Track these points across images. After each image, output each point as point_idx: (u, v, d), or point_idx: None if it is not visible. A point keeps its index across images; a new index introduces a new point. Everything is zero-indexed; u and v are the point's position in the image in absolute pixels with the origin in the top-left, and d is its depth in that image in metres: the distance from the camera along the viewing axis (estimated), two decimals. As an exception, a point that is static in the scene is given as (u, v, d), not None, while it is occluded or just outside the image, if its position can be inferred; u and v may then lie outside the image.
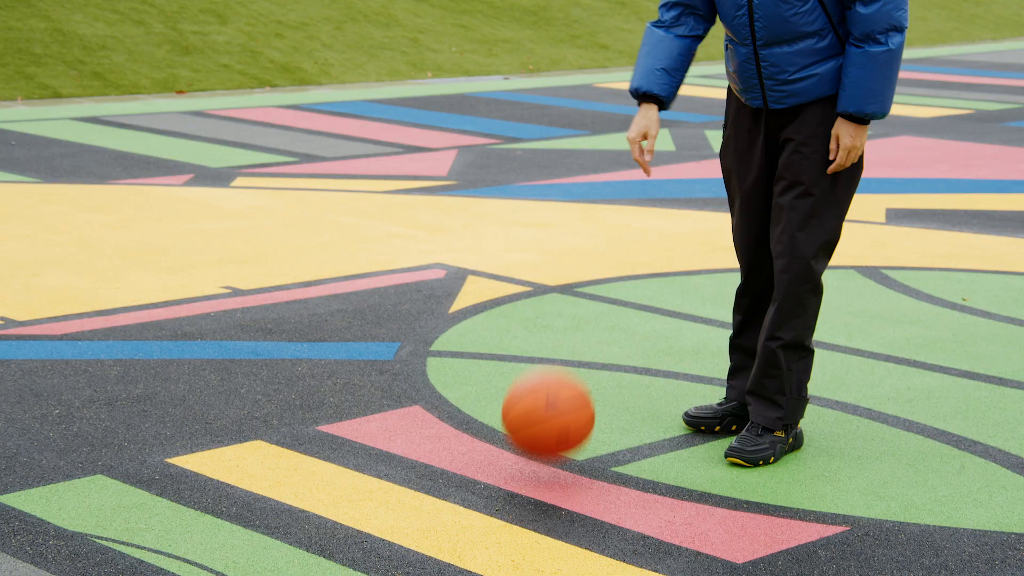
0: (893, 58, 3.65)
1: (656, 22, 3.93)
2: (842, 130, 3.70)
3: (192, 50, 12.43)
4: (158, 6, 13.37)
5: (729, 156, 3.95)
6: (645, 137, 3.87)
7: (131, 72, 11.60)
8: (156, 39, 12.51)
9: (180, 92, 11.30)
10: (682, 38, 3.87)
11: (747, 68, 3.77)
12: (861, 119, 3.68)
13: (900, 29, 3.65)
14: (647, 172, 3.94)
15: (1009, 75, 13.71)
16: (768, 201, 3.90)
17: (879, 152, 9.11)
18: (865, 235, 6.68)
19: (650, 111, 3.87)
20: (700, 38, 3.92)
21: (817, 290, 3.84)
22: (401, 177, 8.08)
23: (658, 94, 3.86)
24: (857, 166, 3.81)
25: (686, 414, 4.09)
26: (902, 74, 13.59)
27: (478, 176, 8.14)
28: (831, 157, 3.72)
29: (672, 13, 3.88)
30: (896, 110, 11.05)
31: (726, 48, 3.91)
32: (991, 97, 11.93)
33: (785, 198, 3.80)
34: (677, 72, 3.87)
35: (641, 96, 3.88)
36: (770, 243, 3.88)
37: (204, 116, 10.21)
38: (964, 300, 5.54)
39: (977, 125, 10.33)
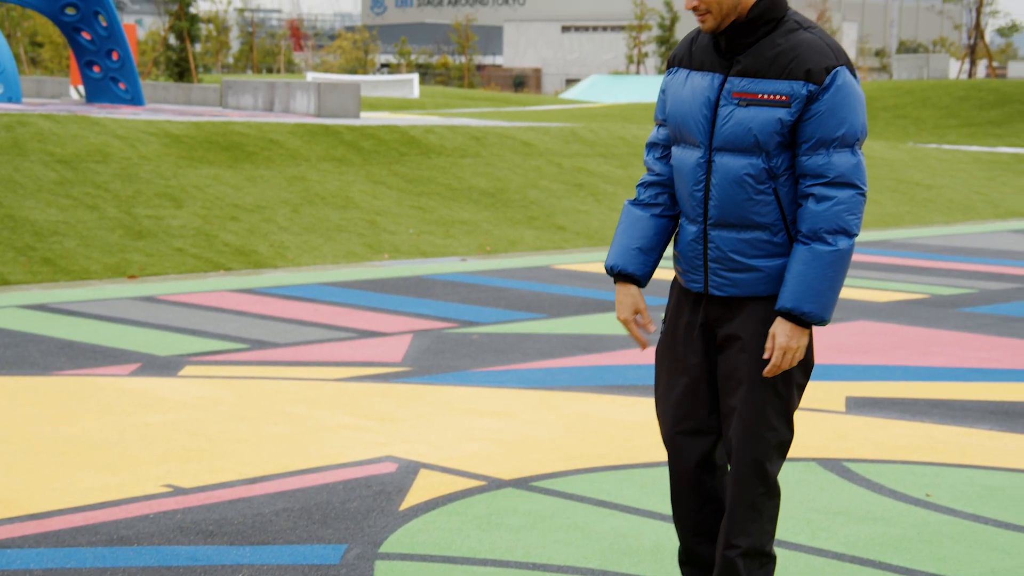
0: (839, 260, 3.55)
1: (634, 200, 3.87)
2: (779, 329, 3.58)
3: (146, 234, 12.36)
4: (113, 191, 13.35)
5: (664, 354, 3.83)
6: (637, 312, 3.77)
7: (82, 257, 11.50)
8: (109, 224, 12.45)
9: (132, 277, 11.19)
10: (658, 217, 3.80)
11: (694, 248, 3.69)
12: (798, 318, 3.55)
13: (849, 234, 3.56)
14: (644, 346, 3.81)
15: (962, 259, 13.83)
16: (703, 408, 3.77)
17: (837, 337, 9.07)
18: (826, 425, 6.57)
19: (629, 288, 3.78)
20: (677, 217, 3.84)
21: (773, 492, 3.70)
22: (354, 364, 7.95)
23: (633, 273, 3.77)
24: (806, 364, 3.70)
25: None
26: (858, 257, 13.66)
27: (433, 362, 8.02)
28: (766, 356, 3.60)
29: (649, 192, 3.81)
30: (853, 294, 11.06)
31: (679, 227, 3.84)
32: (946, 281, 11.99)
33: (733, 400, 3.68)
34: (653, 252, 3.80)
35: (617, 275, 3.79)
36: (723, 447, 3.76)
37: (155, 301, 10.08)
38: (928, 496, 5.40)
39: (933, 310, 10.34)
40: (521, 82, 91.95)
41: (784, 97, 3.54)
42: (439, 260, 12.92)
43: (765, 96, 3.56)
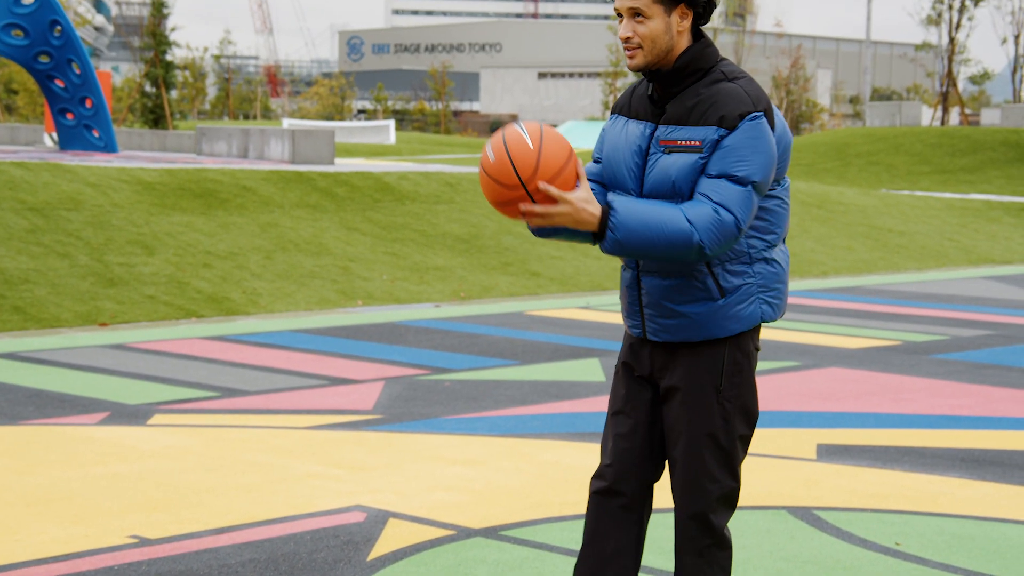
0: (675, 224, 3.47)
1: None
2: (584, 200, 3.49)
3: (117, 281, 12.31)
4: (84, 238, 13.30)
5: (617, 397, 3.83)
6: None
7: (53, 305, 11.44)
8: (81, 271, 12.39)
9: (103, 325, 11.13)
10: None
11: (631, 293, 3.73)
12: (602, 212, 3.48)
13: (698, 232, 3.48)
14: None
15: (934, 306, 13.88)
16: (648, 462, 3.77)
17: (809, 384, 9.07)
18: (796, 473, 6.56)
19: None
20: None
21: (722, 544, 3.69)
22: (325, 412, 7.91)
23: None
24: (750, 415, 3.70)
25: None
26: (830, 303, 13.72)
27: (404, 410, 7.98)
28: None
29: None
30: (825, 340, 11.08)
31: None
32: (918, 328, 12.03)
33: (676, 451, 3.68)
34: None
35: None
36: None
37: (125, 349, 10.02)
38: (897, 544, 5.39)
39: (905, 357, 10.36)
40: (498, 128, 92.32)
41: (698, 143, 3.58)
42: (413, 307, 12.90)
43: (683, 142, 3.60)
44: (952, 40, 43.49)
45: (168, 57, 44.50)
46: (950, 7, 43.55)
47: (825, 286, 15.62)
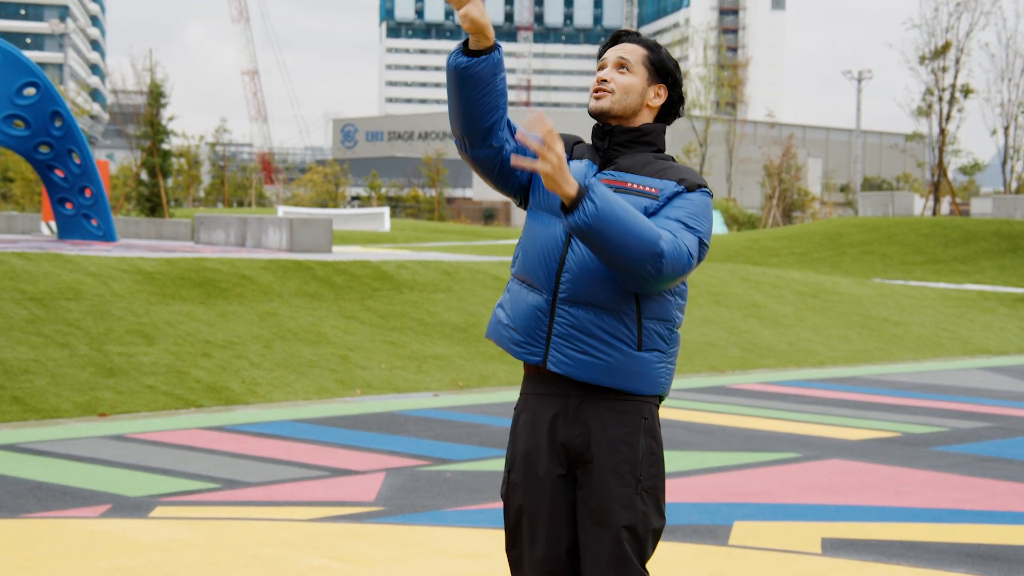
0: (645, 227, 3.43)
1: None
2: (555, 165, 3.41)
3: (117, 371, 12.31)
4: (84, 328, 13.32)
5: (517, 492, 3.72)
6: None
7: (52, 396, 11.42)
8: (80, 361, 12.40)
9: (103, 415, 11.11)
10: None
11: (538, 318, 3.62)
12: (578, 194, 3.41)
13: (663, 241, 3.47)
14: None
15: (932, 396, 13.90)
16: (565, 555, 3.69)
17: (811, 476, 9.06)
18: (803, 568, 6.53)
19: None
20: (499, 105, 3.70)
21: None
22: (327, 504, 7.88)
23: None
24: (660, 508, 3.64)
25: None
26: (828, 393, 13.73)
27: (406, 501, 7.96)
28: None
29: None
30: (825, 431, 11.08)
31: (505, 293, 3.75)
32: (917, 420, 12.04)
33: (591, 534, 3.60)
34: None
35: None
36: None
37: (125, 440, 10.00)
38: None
39: (906, 449, 10.36)
40: (491, 215, 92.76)
41: (654, 190, 3.63)
42: (411, 396, 12.89)
43: (634, 186, 3.63)
44: (943, 131, 43.92)
45: (165, 146, 44.79)
46: (940, 99, 44.03)
47: (822, 376, 15.64)
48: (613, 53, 3.76)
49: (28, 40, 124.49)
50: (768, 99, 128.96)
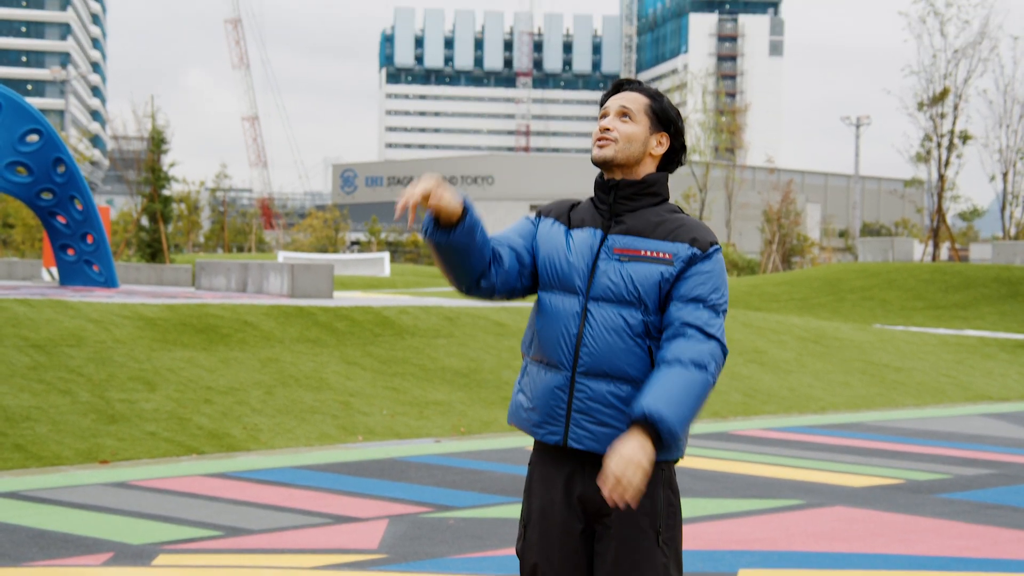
0: (698, 383, 3.47)
1: None
2: (620, 448, 3.41)
3: (118, 418, 12.30)
4: (86, 375, 13.31)
5: (533, 550, 3.70)
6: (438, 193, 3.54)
7: (54, 443, 11.40)
8: (82, 408, 12.38)
9: (104, 462, 11.09)
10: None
11: (556, 396, 3.62)
12: (651, 425, 3.40)
13: (708, 371, 3.50)
14: (398, 214, 3.59)
15: (935, 443, 13.87)
16: None
17: (815, 524, 9.03)
18: (808, 616, 6.50)
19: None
20: (490, 259, 3.73)
21: None
22: (330, 551, 7.85)
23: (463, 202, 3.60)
24: (678, 555, 3.62)
25: None
26: (831, 439, 13.70)
27: (409, 549, 7.93)
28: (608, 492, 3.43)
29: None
30: (828, 478, 11.05)
31: (522, 377, 3.75)
32: (920, 466, 12.01)
33: None
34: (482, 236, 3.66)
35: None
36: None
37: (127, 487, 9.98)
38: None
39: (910, 496, 10.33)
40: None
41: (667, 255, 3.62)
42: (413, 442, 12.87)
43: (647, 252, 3.63)
44: (942, 177, 44.06)
45: (166, 191, 44.92)
46: (939, 145, 44.20)
47: (824, 422, 15.61)
48: (615, 101, 3.77)
49: (29, 87, 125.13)
50: (766, 144, 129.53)
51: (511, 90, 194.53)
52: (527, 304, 22.41)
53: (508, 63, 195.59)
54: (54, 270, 28.66)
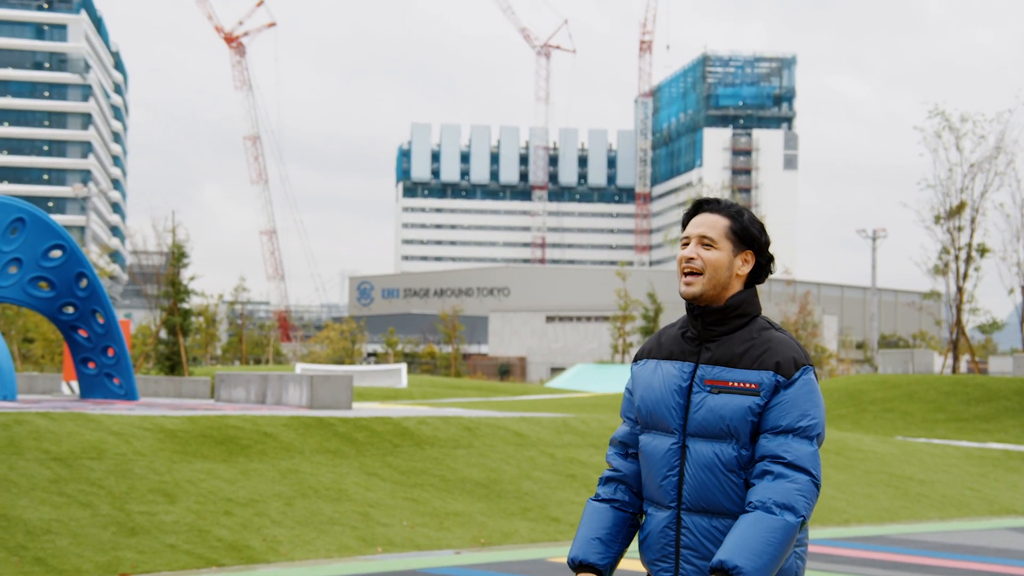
0: (782, 529, 3.48)
1: (595, 496, 3.87)
2: None
3: (138, 531, 12.24)
4: (107, 487, 13.28)
5: None
6: None
7: (74, 556, 11.34)
8: (102, 520, 12.34)
9: (124, 575, 11.01)
10: (617, 511, 3.78)
11: (666, 534, 3.65)
12: (727, 573, 3.44)
13: (797, 513, 3.52)
14: None
15: (961, 557, 13.71)
16: None
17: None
18: None
19: None
20: (636, 515, 3.82)
21: None
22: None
23: (594, 563, 3.71)
24: None
25: None
26: (855, 552, 13.56)
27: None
28: None
29: (608, 488, 3.84)
30: (855, 590, 10.92)
31: (642, 519, 3.80)
32: (948, 577, 11.85)
33: None
34: (613, 543, 3.75)
35: (578, 566, 3.74)
36: None
37: (148, 600, 9.89)
38: None
39: (939, 608, 10.19)
40: (506, 370, 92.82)
41: (754, 386, 3.62)
42: (433, 553, 12.76)
43: (736, 384, 3.64)
44: (960, 289, 44.07)
45: (185, 305, 45.17)
46: (956, 258, 44.28)
47: (849, 535, 15.45)
48: (695, 229, 3.76)
49: (51, 204, 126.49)
50: (782, 256, 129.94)
51: (527, 203, 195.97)
52: (546, 415, 22.35)
53: (524, 176, 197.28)
54: (74, 384, 28.75)
